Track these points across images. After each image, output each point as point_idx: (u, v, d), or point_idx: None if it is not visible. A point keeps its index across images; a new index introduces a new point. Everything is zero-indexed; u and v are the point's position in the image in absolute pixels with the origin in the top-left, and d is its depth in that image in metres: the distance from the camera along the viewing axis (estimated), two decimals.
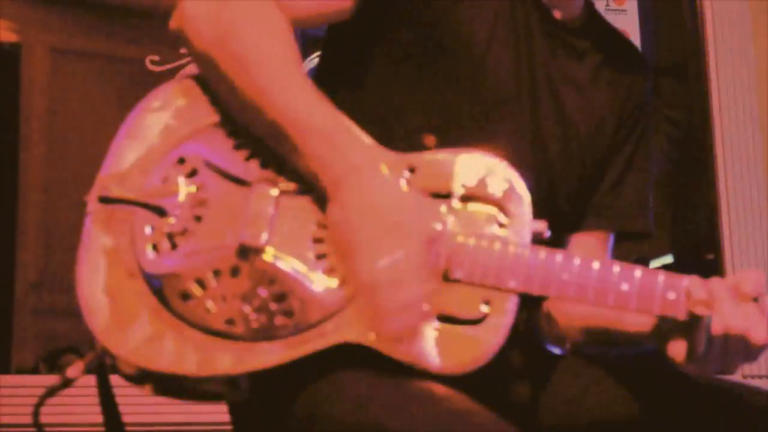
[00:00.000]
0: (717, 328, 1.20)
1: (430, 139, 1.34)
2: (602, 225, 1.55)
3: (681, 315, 1.23)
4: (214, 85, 1.33)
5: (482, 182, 1.29)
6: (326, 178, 1.25)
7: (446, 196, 1.28)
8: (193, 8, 1.31)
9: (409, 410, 1.17)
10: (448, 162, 1.31)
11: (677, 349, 1.24)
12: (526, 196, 1.29)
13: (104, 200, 1.30)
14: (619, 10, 3.36)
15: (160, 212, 1.29)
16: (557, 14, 1.49)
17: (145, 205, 1.29)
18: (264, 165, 1.30)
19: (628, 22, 3.36)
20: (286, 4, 1.32)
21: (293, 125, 1.25)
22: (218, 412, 1.43)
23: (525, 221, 1.28)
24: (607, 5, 3.32)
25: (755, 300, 1.22)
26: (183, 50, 3.43)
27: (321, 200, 1.27)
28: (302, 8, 1.36)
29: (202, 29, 1.30)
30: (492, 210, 1.28)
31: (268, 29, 1.29)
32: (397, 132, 1.37)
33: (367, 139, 1.30)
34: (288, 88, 1.27)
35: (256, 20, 1.29)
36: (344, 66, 1.44)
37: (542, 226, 1.28)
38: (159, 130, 1.33)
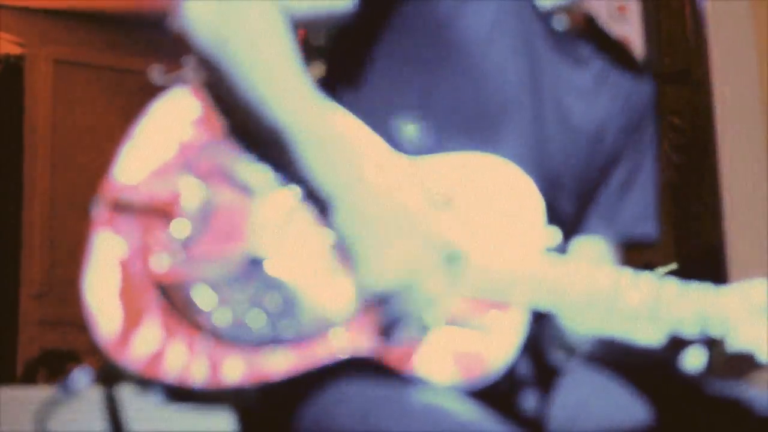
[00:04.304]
0: (730, 341, 1.20)
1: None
2: (609, 232, 1.55)
3: (689, 327, 1.23)
4: (215, 88, 1.33)
5: (492, 188, 1.29)
6: (323, 186, 1.25)
7: (454, 201, 1.28)
8: (196, 9, 1.31)
9: (414, 422, 1.17)
10: (457, 166, 1.31)
11: (689, 360, 1.24)
12: (538, 203, 1.29)
13: (112, 207, 1.30)
14: (621, 17, 3.36)
15: (169, 219, 1.28)
16: (559, 21, 1.49)
17: (153, 212, 1.29)
18: (272, 172, 1.30)
19: (630, 29, 3.36)
20: (286, 5, 1.32)
21: (290, 132, 1.25)
22: (225, 424, 1.43)
23: (536, 229, 1.28)
24: (610, 11, 3.33)
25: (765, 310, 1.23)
26: (187, 61, 3.43)
27: (326, 208, 1.27)
28: (301, 8, 1.36)
29: (204, 31, 1.30)
30: (501, 217, 1.28)
31: (269, 32, 1.29)
32: (401, 135, 1.37)
33: (376, 143, 1.29)
34: (286, 94, 1.26)
35: (257, 23, 1.29)
36: (349, 71, 1.44)
37: (553, 233, 1.28)
38: (167, 136, 1.32)
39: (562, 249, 1.44)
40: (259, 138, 1.29)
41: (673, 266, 3.38)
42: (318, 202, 1.27)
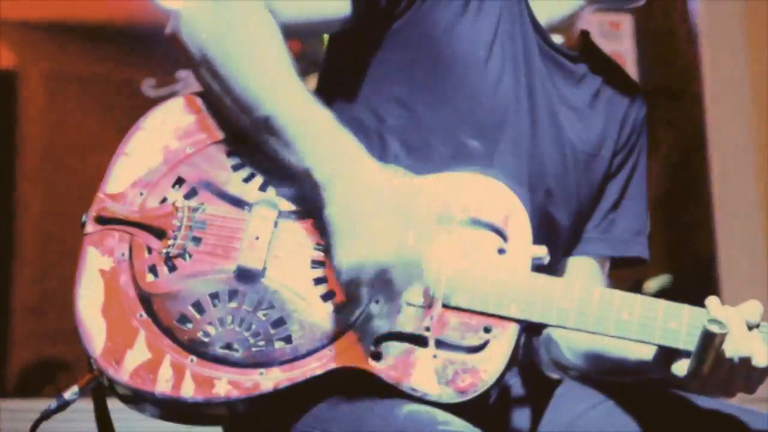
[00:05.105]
0: (728, 350, 1.21)
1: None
2: (600, 251, 1.54)
3: (681, 345, 1.23)
4: (210, 88, 1.32)
5: (483, 206, 1.29)
6: (319, 174, 1.23)
7: (446, 219, 1.28)
8: (190, 10, 1.32)
9: (404, 429, 1.17)
10: (449, 184, 1.31)
11: (681, 366, 1.24)
12: (526, 222, 1.29)
13: (102, 221, 1.30)
14: (614, 33, 3.37)
15: (159, 234, 1.28)
16: (556, 38, 1.50)
17: (143, 226, 1.29)
18: (263, 186, 1.30)
19: (623, 45, 3.37)
20: (278, 9, 1.33)
21: (288, 120, 1.25)
22: None
23: (525, 247, 1.28)
24: (603, 28, 3.34)
25: (758, 327, 1.24)
26: (178, 73, 3.44)
27: (319, 218, 1.26)
28: (292, 14, 1.36)
29: (198, 30, 1.30)
30: (492, 235, 1.28)
31: (262, 30, 1.30)
32: (396, 150, 1.37)
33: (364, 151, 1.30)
34: (283, 85, 1.27)
35: (250, 21, 1.29)
36: (343, 83, 1.43)
37: (542, 251, 1.28)
38: (157, 149, 1.33)
39: (557, 267, 1.45)
40: (252, 129, 1.28)
41: (666, 278, 3.38)
42: (308, 190, 1.25)
